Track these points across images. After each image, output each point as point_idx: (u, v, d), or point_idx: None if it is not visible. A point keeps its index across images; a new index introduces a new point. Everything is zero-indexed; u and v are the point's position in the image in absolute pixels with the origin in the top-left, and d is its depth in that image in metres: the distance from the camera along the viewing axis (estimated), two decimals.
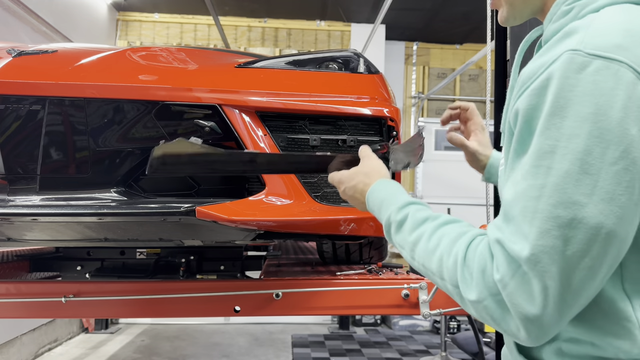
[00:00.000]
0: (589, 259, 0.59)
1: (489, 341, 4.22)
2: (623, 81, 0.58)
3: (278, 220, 1.56)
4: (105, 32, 6.04)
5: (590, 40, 0.61)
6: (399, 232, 0.82)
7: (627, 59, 0.59)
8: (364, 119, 1.67)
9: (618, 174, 0.58)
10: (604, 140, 0.58)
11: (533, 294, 0.60)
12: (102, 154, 1.54)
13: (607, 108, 0.58)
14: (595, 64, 0.59)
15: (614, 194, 0.58)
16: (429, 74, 6.97)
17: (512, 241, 0.61)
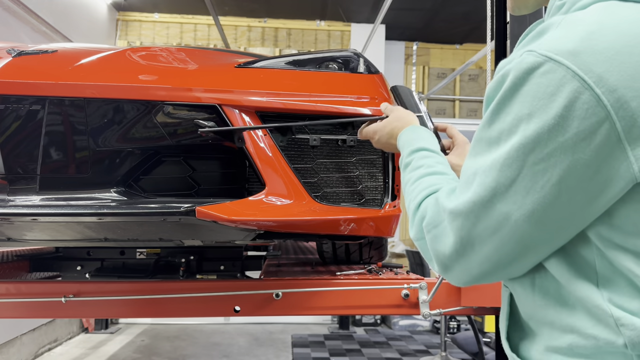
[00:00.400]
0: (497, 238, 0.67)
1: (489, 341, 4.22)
2: (565, 88, 0.59)
3: (278, 220, 1.56)
4: (105, 32, 6.04)
5: (549, 42, 0.62)
6: (404, 172, 0.97)
7: (576, 65, 0.59)
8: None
9: (536, 174, 0.62)
10: (531, 140, 0.61)
11: (446, 243, 0.72)
12: (102, 154, 1.54)
13: (542, 112, 0.60)
14: (544, 67, 0.60)
15: (529, 190, 0.63)
16: (429, 74, 6.97)
17: (447, 198, 0.73)
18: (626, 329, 0.63)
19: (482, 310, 1.83)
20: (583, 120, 0.58)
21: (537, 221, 0.64)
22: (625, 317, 0.63)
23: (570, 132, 0.59)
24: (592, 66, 0.58)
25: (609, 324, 0.64)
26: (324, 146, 1.66)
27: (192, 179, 1.63)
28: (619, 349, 0.64)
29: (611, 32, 0.60)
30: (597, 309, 0.65)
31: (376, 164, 1.71)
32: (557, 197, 0.62)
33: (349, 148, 1.67)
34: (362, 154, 1.68)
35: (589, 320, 0.66)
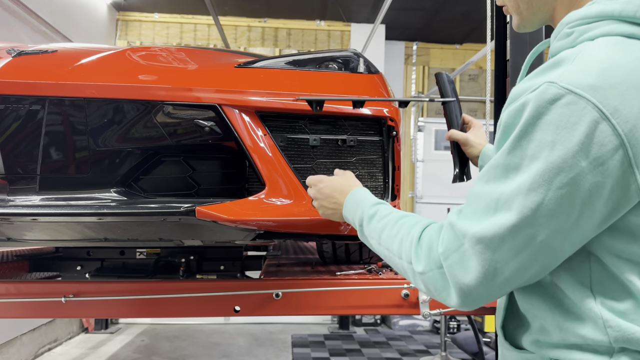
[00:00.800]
0: (520, 259, 0.71)
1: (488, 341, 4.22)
2: (586, 118, 0.65)
3: (278, 220, 1.56)
4: (105, 32, 6.04)
5: (569, 76, 0.68)
6: (370, 223, 1.00)
7: (596, 99, 0.65)
8: (363, 119, 1.68)
9: (563, 197, 0.67)
10: (556, 166, 0.67)
11: (469, 267, 0.73)
12: (101, 154, 1.54)
13: (565, 140, 0.66)
14: (566, 98, 0.66)
15: (555, 212, 0.68)
16: (429, 74, 6.97)
17: (463, 222, 0.74)
18: (612, 330, 0.71)
19: (482, 310, 1.83)
20: (601, 147, 0.65)
21: (561, 240, 0.70)
22: (613, 319, 0.71)
23: (590, 157, 0.65)
24: (609, 100, 0.65)
25: (597, 325, 0.72)
26: (324, 146, 1.66)
27: (192, 179, 1.63)
28: (603, 344, 0.72)
29: (622, 68, 0.67)
30: (589, 311, 0.73)
31: (376, 164, 1.71)
32: (579, 217, 0.68)
33: (348, 148, 1.67)
34: (362, 154, 1.68)
35: (579, 322, 0.74)
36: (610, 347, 0.72)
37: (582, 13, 0.76)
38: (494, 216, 0.71)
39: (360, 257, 2.28)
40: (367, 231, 1.01)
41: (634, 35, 0.71)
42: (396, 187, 1.75)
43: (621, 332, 0.70)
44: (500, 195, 0.71)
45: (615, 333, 0.71)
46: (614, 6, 0.73)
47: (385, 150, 1.72)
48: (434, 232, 0.81)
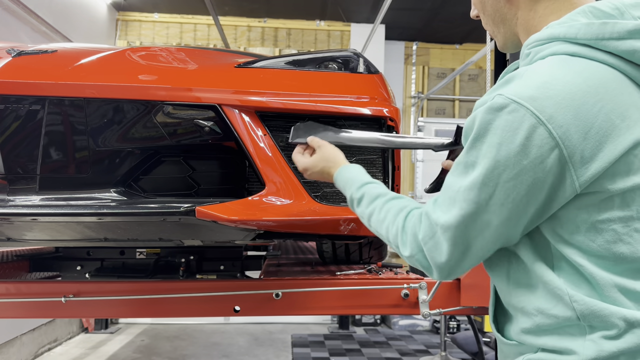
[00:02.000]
0: (481, 240, 0.85)
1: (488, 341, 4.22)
2: (525, 123, 0.78)
3: (278, 220, 1.56)
4: (105, 32, 6.04)
5: (514, 89, 0.80)
6: (359, 206, 1.12)
7: (533, 107, 0.77)
8: (363, 119, 1.68)
9: (509, 189, 0.80)
10: (502, 164, 0.80)
11: (442, 250, 0.87)
12: (101, 154, 1.54)
13: (509, 141, 0.79)
14: (510, 107, 0.79)
15: (504, 202, 0.81)
16: (429, 74, 6.97)
17: (436, 213, 0.88)
18: (577, 304, 0.81)
19: (482, 310, 1.83)
20: (540, 148, 0.77)
21: (513, 225, 0.84)
22: (577, 294, 0.82)
23: (531, 157, 0.78)
24: (545, 108, 0.77)
25: (565, 302, 0.82)
26: None
27: (192, 179, 1.63)
28: (573, 322, 0.82)
29: (559, 82, 0.79)
30: (557, 290, 0.83)
31: (376, 164, 1.72)
32: (524, 205, 0.81)
33: (348, 148, 1.67)
34: (362, 153, 1.68)
35: (550, 301, 0.84)
36: (580, 324, 0.82)
37: (537, 36, 0.89)
38: (456, 206, 0.85)
39: (360, 257, 2.28)
40: (358, 212, 1.13)
41: (576, 53, 0.83)
42: (396, 187, 1.76)
43: (585, 306, 0.81)
44: (459, 188, 0.84)
45: (580, 307, 0.81)
46: (560, 29, 0.85)
47: (385, 150, 1.72)
48: (416, 219, 0.94)
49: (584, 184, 0.79)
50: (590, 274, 0.82)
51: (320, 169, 1.30)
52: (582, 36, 0.82)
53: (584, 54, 0.82)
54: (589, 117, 0.77)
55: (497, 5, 0.97)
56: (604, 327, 0.80)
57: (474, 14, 1.05)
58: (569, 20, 0.86)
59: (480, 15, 1.03)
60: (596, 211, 0.81)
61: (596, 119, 0.77)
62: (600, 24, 0.81)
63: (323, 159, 1.30)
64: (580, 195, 0.80)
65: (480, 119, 0.82)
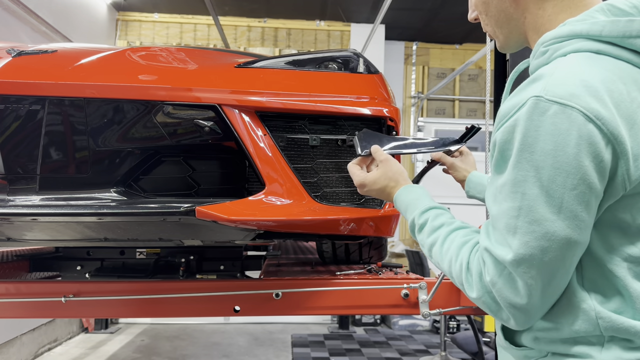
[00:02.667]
0: (561, 262, 0.77)
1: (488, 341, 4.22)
2: (575, 123, 0.73)
3: (278, 220, 1.56)
4: (105, 32, 6.04)
5: (551, 89, 0.75)
6: (420, 234, 1.02)
7: (579, 105, 0.73)
8: (363, 119, 1.68)
9: (578, 196, 0.74)
10: (563, 170, 0.73)
11: (518, 289, 0.78)
12: (101, 154, 1.54)
13: (564, 145, 0.73)
14: (553, 109, 0.74)
15: (576, 212, 0.74)
16: (429, 74, 6.97)
17: (498, 249, 0.79)
18: (603, 321, 0.78)
19: (482, 310, 1.83)
20: (595, 145, 0.73)
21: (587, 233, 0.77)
22: (604, 311, 0.78)
23: (590, 156, 0.73)
24: (590, 104, 0.73)
25: (589, 317, 0.79)
26: (324, 146, 1.66)
27: (192, 179, 1.63)
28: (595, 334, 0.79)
29: (595, 78, 0.75)
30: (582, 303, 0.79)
31: None
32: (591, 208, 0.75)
33: (348, 148, 1.67)
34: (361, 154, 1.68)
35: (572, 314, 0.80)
36: (601, 336, 0.79)
37: (555, 33, 0.85)
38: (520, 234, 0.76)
39: (360, 257, 2.28)
40: (419, 240, 1.04)
41: (601, 51, 0.80)
42: None
43: (611, 323, 0.78)
44: (519, 212, 0.76)
45: (605, 324, 0.78)
46: (582, 26, 0.82)
47: None
48: (479, 257, 0.85)
49: (634, 182, 0.75)
50: (624, 285, 0.78)
51: (380, 187, 1.18)
52: (608, 33, 0.80)
53: (609, 52, 0.80)
54: (630, 112, 0.75)
55: (502, 6, 0.94)
56: (625, 338, 0.78)
57: (472, 16, 1.02)
58: (588, 17, 0.83)
59: (481, 17, 1.00)
60: None
61: (636, 115, 0.75)
62: (627, 21, 0.79)
63: (386, 177, 1.17)
64: (626, 196, 0.77)
65: (521, 127, 0.76)
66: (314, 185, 1.64)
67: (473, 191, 1.59)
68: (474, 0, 0.99)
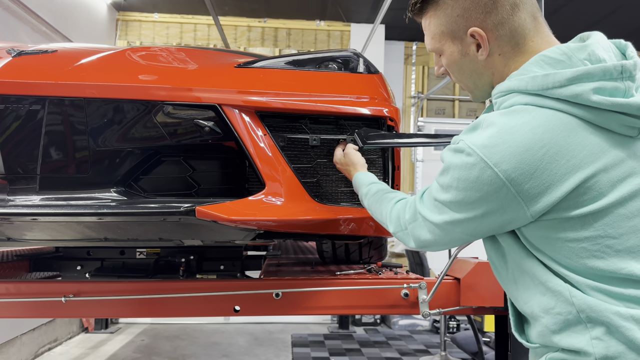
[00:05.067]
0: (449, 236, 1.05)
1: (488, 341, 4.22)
2: (477, 166, 0.93)
3: (278, 220, 1.56)
4: (105, 32, 6.05)
5: (472, 137, 0.96)
6: (365, 199, 1.42)
7: (483, 154, 0.92)
8: (363, 119, 1.68)
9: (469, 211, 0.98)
10: (462, 195, 0.97)
11: (423, 233, 1.10)
12: (101, 154, 1.54)
13: (465, 178, 0.95)
14: (466, 151, 0.95)
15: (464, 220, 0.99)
16: (429, 74, 6.97)
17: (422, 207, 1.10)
18: (576, 299, 0.90)
19: (482, 310, 1.83)
20: (490, 185, 0.93)
21: (473, 234, 1.03)
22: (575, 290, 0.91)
23: (483, 191, 0.94)
24: (493, 155, 0.92)
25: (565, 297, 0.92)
26: (324, 146, 1.66)
27: (192, 179, 1.63)
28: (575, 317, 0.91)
29: (508, 132, 0.92)
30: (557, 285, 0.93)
31: (376, 164, 1.72)
32: (483, 223, 0.98)
33: None
34: (362, 154, 1.68)
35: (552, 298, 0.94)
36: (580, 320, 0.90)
37: (498, 88, 1.02)
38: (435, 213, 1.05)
39: (360, 257, 2.28)
40: (365, 204, 1.43)
41: (529, 103, 0.95)
42: (396, 186, 1.76)
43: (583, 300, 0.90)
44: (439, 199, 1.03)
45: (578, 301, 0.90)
46: (514, 82, 0.98)
47: (385, 150, 1.72)
48: (400, 206, 1.21)
49: (537, 214, 0.92)
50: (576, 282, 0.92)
51: (345, 168, 1.58)
52: (531, 88, 0.95)
53: (535, 103, 0.94)
54: (533, 161, 0.89)
55: (474, 67, 1.09)
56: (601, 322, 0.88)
57: (440, 71, 1.18)
58: (524, 70, 0.98)
59: (454, 75, 1.15)
60: (561, 231, 0.92)
61: (540, 163, 0.89)
62: (543, 76, 0.93)
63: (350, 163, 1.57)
64: (540, 220, 0.93)
65: (448, 157, 1.01)
66: (314, 185, 1.64)
67: None
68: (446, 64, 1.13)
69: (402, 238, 1.19)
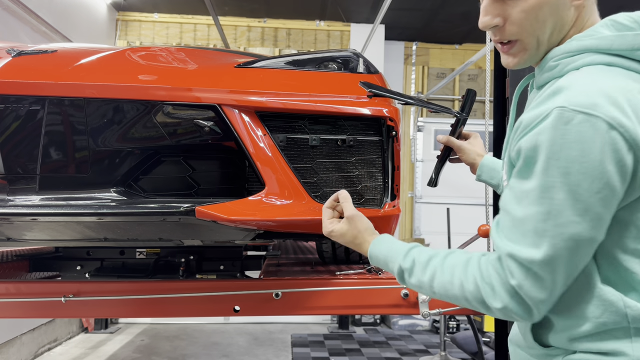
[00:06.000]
0: (585, 258, 0.83)
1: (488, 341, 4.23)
2: (600, 130, 0.77)
3: (278, 220, 1.56)
4: (104, 32, 6.04)
5: (573, 99, 0.79)
6: (412, 276, 0.99)
7: (602, 113, 0.77)
8: (363, 119, 1.68)
9: (602, 199, 0.79)
10: (589, 175, 0.78)
11: (544, 286, 0.82)
12: (101, 154, 1.54)
13: (589, 151, 0.77)
14: (578, 118, 0.78)
15: (600, 214, 0.79)
16: (429, 74, 6.97)
17: (524, 251, 0.82)
18: (631, 309, 0.82)
19: None
20: (618, 152, 0.77)
21: (602, 232, 0.82)
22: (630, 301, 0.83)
23: (614, 161, 0.78)
24: (611, 112, 0.78)
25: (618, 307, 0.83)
26: (324, 146, 1.66)
27: (192, 179, 1.63)
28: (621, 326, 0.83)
29: (613, 87, 0.80)
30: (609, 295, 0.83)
31: (376, 164, 1.72)
32: (612, 209, 0.81)
33: (348, 148, 1.67)
34: (362, 154, 1.68)
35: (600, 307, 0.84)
36: (628, 328, 0.83)
37: (564, 49, 0.90)
38: (548, 237, 0.80)
39: (360, 257, 2.28)
40: (413, 282, 0.99)
41: (612, 63, 0.85)
42: (396, 187, 1.76)
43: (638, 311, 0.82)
44: (548, 216, 0.80)
45: (633, 312, 0.82)
46: (590, 41, 0.87)
47: (384, 150, 1.72)
48: (492, 267, 0.86)
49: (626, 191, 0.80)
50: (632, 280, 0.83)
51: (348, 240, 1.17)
52: (617, 47, 0.85)
53: (620, 64, 0.85)
54: (638, 122, 0.78)
55: (562, 13, 0.90)
56: None
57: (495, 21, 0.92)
58: (594, 32, 0.88)
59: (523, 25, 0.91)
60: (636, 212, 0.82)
61: None
62: (634, 35, 0.84)
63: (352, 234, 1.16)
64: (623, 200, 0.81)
65: (548, 136, 0.79)
66: (314, 185, 1.64)
67: (485, 176, 1.53)
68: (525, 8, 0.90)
69: (516, 312, 0.84)
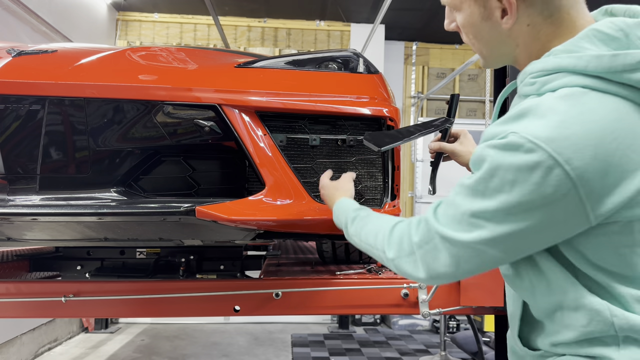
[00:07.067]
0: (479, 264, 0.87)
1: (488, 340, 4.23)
2: (542, 165, 0.77)
3: (278, 220, 1.56)
4: (105, 32, 6.04)
5: (530, 128, 0.79)
6: (352, 225, 1.19)
7: (551, 148, 0.76)
8: (363, 119, 1.68)
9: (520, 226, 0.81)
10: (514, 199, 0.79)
11: (440, 260, 0.89)
12: (101, 154, 1.54)
13: (523, 180, 0.78)
14: (526, 146, 0.78)
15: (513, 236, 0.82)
16: (429, 74, 6.97)
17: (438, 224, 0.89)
18: (617, 318, 0.81)
19: (482, 310, 1.83)
20: (556, 188, 0.77)
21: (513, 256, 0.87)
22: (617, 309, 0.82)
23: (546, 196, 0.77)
24: (563, 150, 0.76)
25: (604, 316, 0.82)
26: (324, 146, 1.66)
27: (192, 179, 1.63)
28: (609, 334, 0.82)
29: (576, 121, 0.77)
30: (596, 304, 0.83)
31: (376, 164, 1.72)
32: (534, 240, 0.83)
33: (348, 148, 1.67)
34: (362, 154, 1.68)
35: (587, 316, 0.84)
36: (615, 336, 0.82)
37: (541, 65, 0.87)
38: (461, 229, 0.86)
39: (359, 256, 2.28)
40: (351, 231, 1.19)
41: (588, 86, 0.81)
42: (396, 186, 1.76)
43: (625, 320, 0.81)
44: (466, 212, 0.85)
45: (620, 321, 0.81)
46: (567, 61, 0.83)
47: None
48: (404, 226, 0.99)
49: (599, 217, 0.79)
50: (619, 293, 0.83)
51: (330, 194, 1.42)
52: (593, 69, 0.81)
53: (596, 87, 0.80)
54: (607, 155, 0.76)
55: (494, 34, 0.94)
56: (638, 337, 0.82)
57: (451, 27, 1.03)
58: (574, 47, 0.84)
59: (468, 37, 0.99)
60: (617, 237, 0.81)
61: (614, 157, 0.76)
62: (611, 56, 0.80)
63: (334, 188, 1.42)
64: (597, 225, 0.80)
65: (493, 154, 0.81)
66: (314, 185, 1.64)
67: None
68: (462, 24, 0.98)
69: (404, 266, 0.96)
